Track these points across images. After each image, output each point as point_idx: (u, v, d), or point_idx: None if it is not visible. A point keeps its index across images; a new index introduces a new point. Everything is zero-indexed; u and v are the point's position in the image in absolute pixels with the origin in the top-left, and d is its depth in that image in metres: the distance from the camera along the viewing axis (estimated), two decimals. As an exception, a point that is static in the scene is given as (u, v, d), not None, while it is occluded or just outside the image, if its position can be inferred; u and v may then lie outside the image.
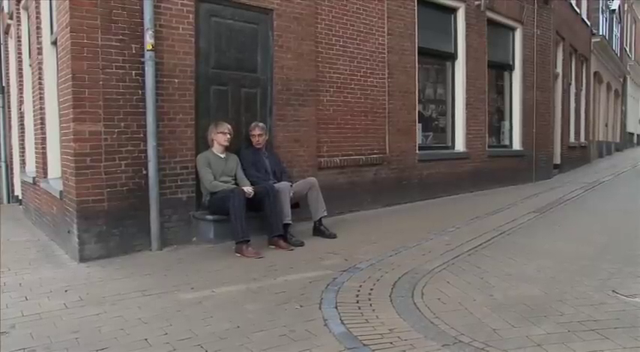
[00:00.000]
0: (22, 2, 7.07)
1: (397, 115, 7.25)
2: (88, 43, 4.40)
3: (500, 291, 3.51)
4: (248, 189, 4.82)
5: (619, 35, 22.59)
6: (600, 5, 18.32)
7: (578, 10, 14.53)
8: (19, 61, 7.53)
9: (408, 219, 6.41)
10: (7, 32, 9.03)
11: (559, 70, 12.48)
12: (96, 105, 4.46)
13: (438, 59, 8.49)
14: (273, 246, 4.81)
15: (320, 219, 5.29)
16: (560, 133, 12.40)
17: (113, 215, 4.58)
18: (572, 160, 13.38)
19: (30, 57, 6.72)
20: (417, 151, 7.68)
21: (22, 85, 7.55)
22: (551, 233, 5.54)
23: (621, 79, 24.14)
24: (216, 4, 5.29)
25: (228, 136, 5.03)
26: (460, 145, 8.62)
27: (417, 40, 7.53)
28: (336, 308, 3.21)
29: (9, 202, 9.76)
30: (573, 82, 14.15)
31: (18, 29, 7.57)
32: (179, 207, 4.99)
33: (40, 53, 5.93)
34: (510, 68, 10.00)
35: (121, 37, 4.57)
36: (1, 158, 10.01)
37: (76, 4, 4.34)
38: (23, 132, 7.69)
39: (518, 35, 9.97)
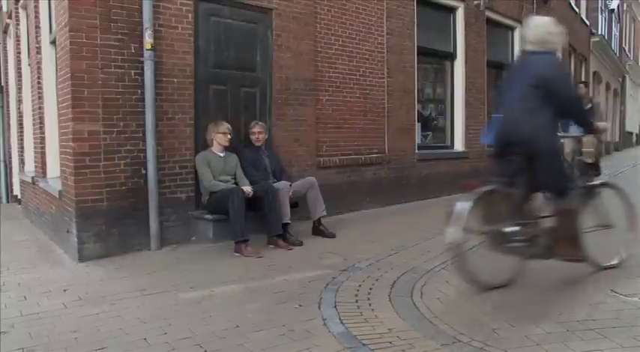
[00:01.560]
0: (21, 1, 7.06)
1: (396, 115, 7.25)
2: (87, 42, 4.40)
3: (500, 291, 3.50)
4: (247, 188, 4.82)
5: (618, 35, 22.60)
6: (599, 5, 18.33)
7: (577, 10, 14.55)
8: (18, 61, 7.53)
9: (407, 218, 6.41)
10: (5, 31, 9.03)
11: (558, 69, 12.47)
12: (95, 105, 4.46)
13: (437, 59, 8.49)
14: (273, 246, 4.81)
15: (319, 218, 5.29)
16: (559, 133, 12.38)
17: (112, 214, 4.57)
18: (571, 160, 13.37)
19: (29, 56, 6.71)
20: (416, 151, 7.68)
21: (21, 84, 7.55)
22: (550, 232, 5.53)
23: (620, 79, 24.15)
24: (215, 3, 5.29)
25: (229, 136, 5.03)
26: (459, 145, 8.62)
27: (416, 40, 7.54)
28: (335, 307, 3.21)
29: (8, 202, 9.76)
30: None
31: (17, 28, 7.57)
32: (178, 207, 4.99)
33: (38, 52, 5.92)
34: (509, 68, 10.00)
35: (120, 36, 4.57)
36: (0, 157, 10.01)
37: (75, 4, 4.34)
38: (22, 132, 7.69)
39: (517, 35, 9.97)
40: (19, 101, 7.70)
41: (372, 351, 2.60)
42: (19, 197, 8.24)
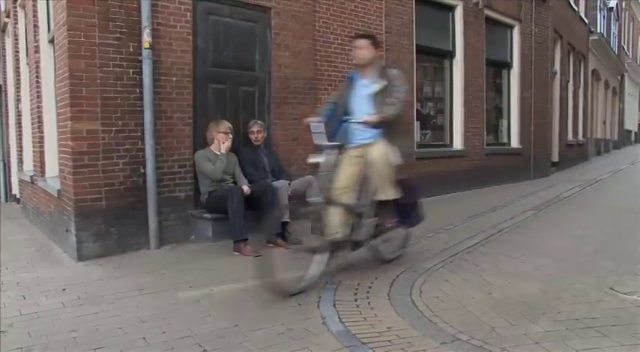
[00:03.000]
0: (19, 0, 7.04)
1: (395, 113, 7.23)
2: (86, 41, 4.39)
3: (499, 289, 3.51)
4: (246, 187, 4.82)
5: (617, 33, 22.60)
6: (598, 3, 18.32)
7: (576, 8, 14.53)
8: (17, 60, 7.51)
9: (407, 217, 6.39)
10: (4, 30, 9.01)
11: (557, 67, 12.49)
12: (93, 104, 4.45)
13: (436, 57, 8.49)
14: (272, 245, 4.80)
15: (318, 217, 5.27)
16: (558, 131, 12.41)
17: (111, 213, 4.57)
18: (570, 158, 13.39)
19: (27, 55, 6.69)
20: (415, 149, 7.67)
21: (19, 83, 7.53)
22: (548, 231, 5.54)
23: (619, 77, 24.16)
24: (214, 2, 5.28)
25: (230, 136, 5.02)
26: (458, 143, 8.62)
27: (415, 38, 7.53)
28: (334, 306, 3.21)
29: (7, 201, 9.75)
30: (571, 79, 14.16)
31: (15, 27, 7.55)
32: (177, 206, 4.98)
33: (37, 51, 5.91)
34: (508, 66, 10.00)
35: (118, 35, 4.56)
36: (-2, 157, 9.99)
37: (74, 3, 4.33)
38: (21, 131, 7.68)
39: (516, 33, 9.96)
40: (18, 100, 7.68)
41: (372, 350, 2.60)
42: (17, 196, 8.23)
